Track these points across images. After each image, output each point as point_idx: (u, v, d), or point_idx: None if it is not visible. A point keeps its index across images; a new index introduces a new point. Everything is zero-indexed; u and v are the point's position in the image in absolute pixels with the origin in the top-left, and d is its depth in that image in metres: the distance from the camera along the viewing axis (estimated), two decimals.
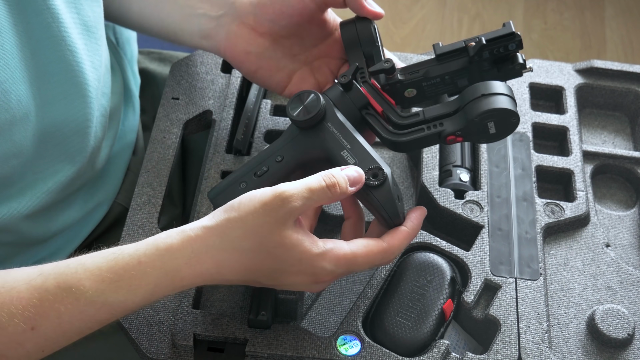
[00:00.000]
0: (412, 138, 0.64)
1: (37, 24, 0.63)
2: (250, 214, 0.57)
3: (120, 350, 0.70)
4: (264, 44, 0.71)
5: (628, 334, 0.67)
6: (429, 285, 0.68)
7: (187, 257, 0.57)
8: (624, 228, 0.78)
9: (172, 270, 0.57)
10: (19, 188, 0.67)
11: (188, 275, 0.57)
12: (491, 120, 0.63)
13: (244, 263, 0.58)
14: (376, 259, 0.61)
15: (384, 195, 0.61)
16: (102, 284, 0.56)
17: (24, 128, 0.63)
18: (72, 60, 0.66)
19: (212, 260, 0.57)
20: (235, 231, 0.57)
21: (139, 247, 0.57)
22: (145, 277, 0.56)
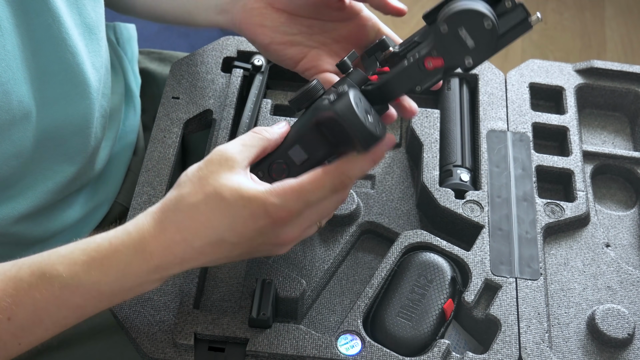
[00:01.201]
0: (392, 75, 0.62)
1: (37, 24, 0.63)
2: (195, 171, 0.59)
3: (121, 350, 0.70)
4: (280, 19, 0.71)
5: (628, 334, 0.67)
6: (429, 285, 0.68)
7: (152, 228, 0.57)
8: (624, 228, 0.78)
9: (140, 245, 0.57)
10: (19, 188, 0.67)
11: (156, 250, 0.57)
12: (461, 26, 0.59)
13: (201, 220, 0.57)
14: (326, 183, 0.59)
15: (344, 107, 0.58)
16: (74, 267, 0.56)
17: (24, 128, 0.63)
18: (72, 61, 0.66)
19: (173, 226, 0.57)
20: (185, 189, 0.58)
21: (110, 232, 0.58)
22: (116, 255, 0.57)
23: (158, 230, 0.57)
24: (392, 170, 0.80)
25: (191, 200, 0.57)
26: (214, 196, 0.57)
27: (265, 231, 0.59)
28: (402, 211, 0.77)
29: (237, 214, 0.57)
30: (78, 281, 0.56)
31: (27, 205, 0.68)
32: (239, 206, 0.57)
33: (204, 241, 0.58)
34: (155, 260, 0.57)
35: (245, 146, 0.60)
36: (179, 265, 0.59)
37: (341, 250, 0.74)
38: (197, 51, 0.86)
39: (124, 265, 0.57)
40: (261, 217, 0.58)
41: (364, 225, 0.76)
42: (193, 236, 0.57)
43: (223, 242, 0.58)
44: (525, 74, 0.86)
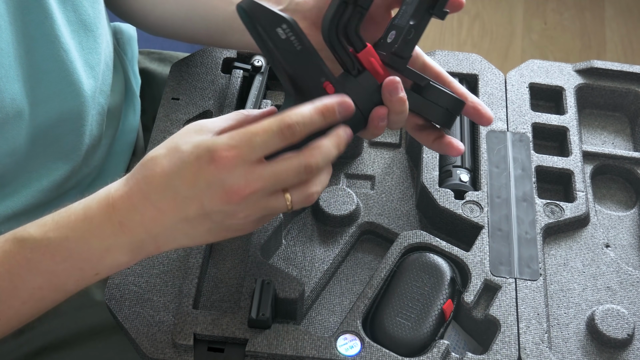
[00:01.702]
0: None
1: (30, 21, 0.63)
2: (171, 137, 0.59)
3: (120, 350, 0.70)
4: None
5: (628, 334, 0.67)
6: (428, 285, 0.68)
7: (117, 184, 0.58)
8: (624, 228, 0.78)
9: (104, 199, 0.57)
10: (14, 187, 0.67)
11: (117, 202, 0.57)
12: None
13: (157, 170, 0.57)
14: (272, 125, 0.56)
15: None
16: (44, 227, 0.57)
17: (17, 126, 0.63)
18: (65, 58, 0.66)
19: (134, 179, 0.57)
20: (158, 150, 0.58)
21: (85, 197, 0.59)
22: (82, 211, 0.57)
23: (122, 184, 0.58)
24: (391, 170, 0.80)
25: (153, 154, 0.58)
26: (173, 149, 0.57)
27: (211, 179, 0.56)
28: (402, 212, 0.77)
29: (185, 160, 0.56)
30: (47, 240, 0.57)
31: (21, 204, 0.68)
32: (188, 152, 0.56)
33: (159, 194, 0.57)
34: (117, 213, 0.57)
35: (221, 118, 0.60)
36: (140, 224, 0.57)
37: (341, 250, 0.74)
38: (197, 52, 0.86)
39: (89, 220, 0.57)
40: (205, 160, 0.55)
41: (364, 225, 0.76)
42: (149, 187, 0.57)
43: (176, 195, 0.56)
44: (525, 74, 0.86)
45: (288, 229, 0.76)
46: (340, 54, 0.61)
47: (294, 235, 0.75)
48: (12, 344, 0.71)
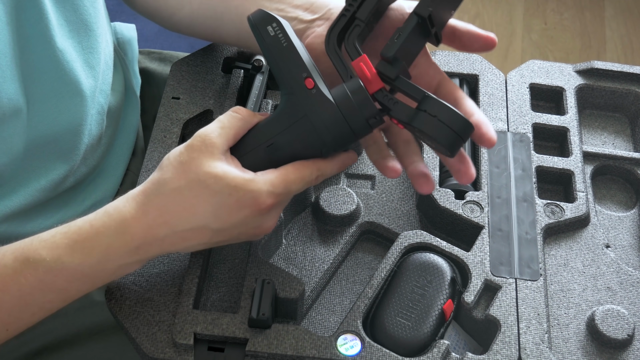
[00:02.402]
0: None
1: (25, 20, 0.63)
2: (176, 156, 0.59)
3: (120, 350, 0.70)
4: None
5: (628, 335, 0.67)
6: (429, 285, 0.68)
7: (133, 210, 0.58)
8: (624, 229, 0.78)
9: (121, 226, 0.58)
10: (12, 186, 0.67)
11: (137, 231, 0.58)
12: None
13: (185, 206, 0.58)
14: (306, 175, 0.61)
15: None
16: (57, 250, 0.57)
17: (15, 126, 0.63)
18: (61, 58, 0.66)
19: (155, 208, 0.58)
20: (168, 174, 0.58)
21: (91, 215, 0.59)
22: (97, 237, 0.58)
23: (140, 213, 0.58)
24: None
25: (174, 185, 0.58)
26: (197, 183, 0.58)
27: (250, 220, 0.59)
28: (402, 212, 0.77)
29: (222, 202, 0.58)
30: (61, 264, 0.57)
31: (20, 203, 0.68)
32: (225, 194, 0.58)
33: (186, 226, 0.58)
34: (136, 241, 0.58)
35: (224, 128, 0.60)
36: (159, 247, 0.59)
37: (341, 250, 0.74)
38: (197, 51, 0.86)
39: (105, 247, 0.58)
40: (248, 205, 0.58)
41: (364, 225, 0.76)
42: (176, 220, 0.58)
43: (206, 229, 0.59)
44: (526, 74, 0.86)
45: (288, 229, 0.76)
46: (334, 61, 0.63)
47: (294, 235, 0.75)
48: (12, 344, 0.71)
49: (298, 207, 0.76)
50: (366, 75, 0.61)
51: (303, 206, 0.77)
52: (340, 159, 0.64)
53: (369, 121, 0.61)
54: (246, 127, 0.62)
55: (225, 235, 0.60)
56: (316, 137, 0.61)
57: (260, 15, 0.62)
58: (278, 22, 0.62)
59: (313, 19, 0.70)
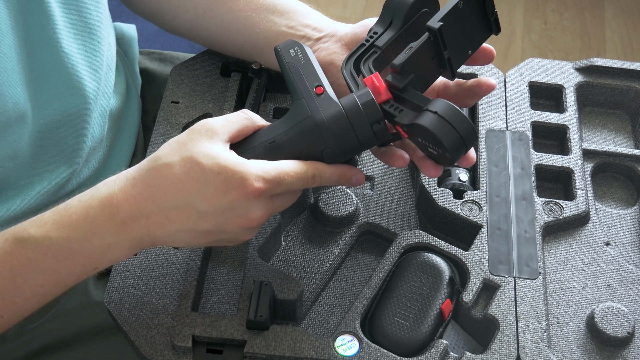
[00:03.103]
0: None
1: (32, 24, 0.63)
2: (175, 138, 0.59)
3: (120, 351, 0.70)
4: None
5: (628, 333, 0.67)
6: (427, 285, 0.68)
7: (121, 183, 0.58)
8: (624, 226, 0.78)
9: (107, 199, 0.58)
10: (15, 190, 0.68)
11: (122, 203, 0.57)
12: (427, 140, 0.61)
13: (173, 181, 0.57)
14: (302, 173, 0.60)
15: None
16: (45, 227, 0.57)
17: (20, 130, 0.64)
18: (67, 62, 0.66)
19: (143, 182, 0.58)
20: (162, 151, 0.59)
21: (82, 192, 0.59)
22: (84, 210, 0.57)
23: (128, 185, 0.58)
24: (391, 171, 0.80)
25: (166, 160, 0.58)
26: (189, 160, 0.57)
27: (236, 204, 0.58)
28: (401, 212, 0.77)
29: (210, 179, 0.57)
30: (49, 241, 0.57)
31: (23, 206, 0.68)
32: (214, 172, 0.57)
33: (171, 204, 0.58)
34: (121, 214, 0.57)
35: (229, 122, 0.61)
36: (144, 227, 0.58)
37: (340, 251, 0.74)
38: (197, 55, 0.86)
39: (91, 220, 0.57)
40: (235, 186, 0.57)
41: (363, 226, 0.76)
42: (162, 195, 0.57)
43: (191, 209, 0.58)
44: (525, 72, 0.86)
45: (287, 230, 0.76)
46: (347, 79, 0.65)
47: (293, 237, 0.75)
48: (13, 344, 0.71)
49: (297, 208, 0.76)
50: (375, 86, 0.63)
51: (302, 208, 0.77)
52: (340, 167, 0.64)
53: (373, 127, 0.61)
54: (251, 128, 0.62)
55: (211, 221, 0.58)
56: (318, 136, 0.61)
57: (288, 42, 0.66)
58: (300, 46, 0.66)
59: (320, 37, 0.73)
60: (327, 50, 0.71)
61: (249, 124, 0.62)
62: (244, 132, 0.62)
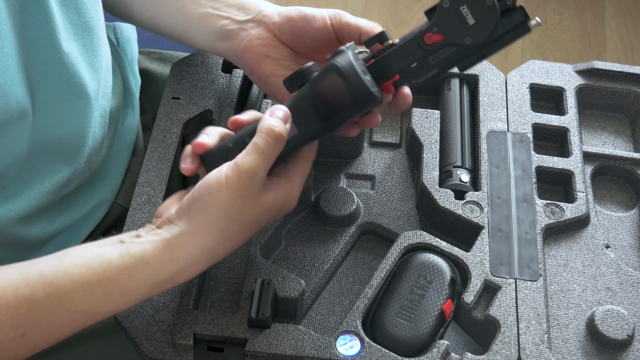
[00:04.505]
0: (390, 52, 0.63)
1: (30, 24, 0.63)
2: (226, 202, 0.59)
3: (120, 350, 0.70)
4: (284, 52, 0.71)
5: (628, 335, 0.67)
6: (428, 285, 0.68)
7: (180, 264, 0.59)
8: (624, 229, 0.78)
9: (164, 281, 0.59)
10: (16, 189, 0.67)
11: (182, 278, 0.60)
12: (462, 4, 0.60)
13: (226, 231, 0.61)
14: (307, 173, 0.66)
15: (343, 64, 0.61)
16: (92, 296, 0.57)
17: (21, 128, 0.63)
18: (67, 61, 0.66)
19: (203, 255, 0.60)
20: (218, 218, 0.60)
21: (123, 258, 0.58)
22: (138, 289, 0.58)
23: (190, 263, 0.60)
24: (392, 171, 0.80)
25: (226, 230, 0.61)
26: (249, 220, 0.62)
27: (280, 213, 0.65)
28: (402, 212, 0.77)
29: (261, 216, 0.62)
30: (95, 310, 0.58)
31: (24, 206, 0.68)
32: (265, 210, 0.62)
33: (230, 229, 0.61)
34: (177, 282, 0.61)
35: (268, 159, 0.61)
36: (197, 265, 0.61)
37: (341, 250, 0.74)
38: (198, 51, 0.86)
39: (143, 296, 0.59)
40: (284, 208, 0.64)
41: (364, 225, 0.76)
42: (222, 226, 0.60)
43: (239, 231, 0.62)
44: (526, 74, 0.86)
45: (288, 229, 0.76)
46: None
47: (294, 235, 0.75)
48: None
49: (298, 207, 0.76)
50: None
51: (303, 206, 0.77)
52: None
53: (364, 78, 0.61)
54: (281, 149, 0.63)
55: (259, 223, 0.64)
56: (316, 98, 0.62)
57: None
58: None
59: (246, 19, 0.72)
60: (260, 41, 0.71)
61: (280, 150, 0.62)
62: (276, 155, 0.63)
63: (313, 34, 0.70)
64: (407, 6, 1.96)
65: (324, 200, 0.75)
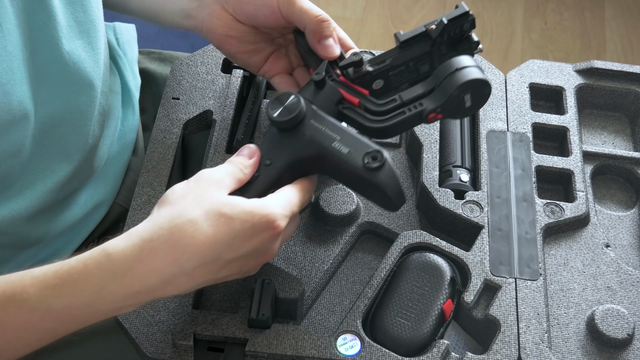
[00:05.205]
0: (395, 122, 0.65)
1: (34, 23, 0.63)
2: (185, 189, 0.58)
3: (120, 350, 0.70)
4: (244, 30, 0.72)
5: (628, 334, 0.67)
6: (428, 285, 0.68)
7: (137, 249, 0.55)
8: (624, 228, 0.78)
9: (122, 269, 0.54)
10: (18, 188, 0.67)
11: (141, 275, 0.55)
12: (468, 92, 0.64)
13: (199, 236, 0.55)
14: (303, 198, 0.62)
15: (388, 175, 0.62)
16: (45, 290, 0.54)
17: (23, 128, 0.63)
18: (68, 59, 0.66)
19: (166, 245, 0.55)
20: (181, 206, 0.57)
21: (86, 253, 0.55)
22: (90, 278, 0.54)
23: (146, 253, 0.55)
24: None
25: (189, 216, 0.56)
26: (214, 212, 0.56)
27: (261, 245, 0.58)
28: (402, 212, 0.77)
29: (238, 228, 0.56)
30: (48, 306, 0.54)
31: (26, 205, 0.68)
32: (241, 220, 0.56)
33: (198, 261, 0.56)
34: (136, 285, 0.55)
35: (228, 174, 0.60)
36: (160, 292, 0.56)
37: (341, 250, 0.74)
38: (197, 52, 0.86)
39: (99, 289, 0.54)
40: (263, 229, 0.57)
41: (364, 225, 0.76)
42: (188, 256, 0.55)
43: (217, 261, 0.57)
44: (525, 74, 0.86)
45: None
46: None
47: (294, 235, 0.75)
48: None
49: None
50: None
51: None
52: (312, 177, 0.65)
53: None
54: (244, 180, 0.62)
55: (233, 266, 0.58)
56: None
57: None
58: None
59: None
60: (220, 21, 0.71)
61: (243, 179, 0.62)
62: (241, 184, 0.62)
63: (264, 19, 0.70)
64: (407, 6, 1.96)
65: (324, 200, 0.76)
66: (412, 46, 0.68)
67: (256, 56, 0.73)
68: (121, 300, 0.55)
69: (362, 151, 0.62)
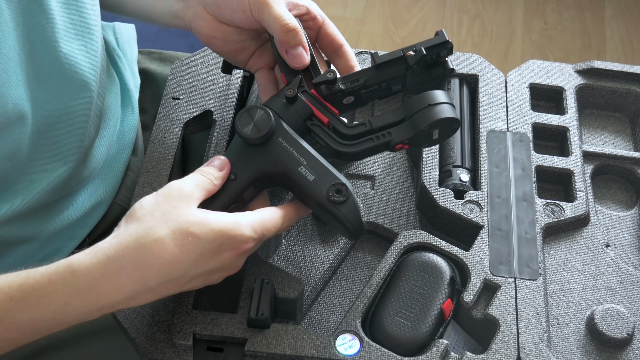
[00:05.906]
0: (362, 149, 0.66)
1: (32, 25, 0.63)
2: (153, 205, 0.58)
3: (120, 350, 0.70)
4: (228, 30, 0.72)
5: (627, 334, 0.67)
6: (428, 285, 0.68)
7: (102, 267, 0.55)
8: (624, 228, 0.78)
9: (86, 285, 0.54)
10: (15, 189, 0.67)
11: (106, 290, 0.55)
12: (437, 128, 0.65)
13: (166, 257, 0.56)
14: (278, 223, 0.62)
15: (350, 210, 0.63)
16: (10, 302, 0.54)
17: (19, 130, 0.63)
18: (65, 61, 0.66)
19: (131, 263, 0.55)
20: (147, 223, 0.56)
21: (52, 266, 0.55)
22: (55, 295, 0.54)
23: (112, 270, 0.55)
24: (391, 170, 0.80)
25: (155, 235, 0.56)
26: (181, 231, 0.56)
27: (226, 262, 0.59)
28: (402, 211, 0.77)
29: (205, 247, 0.57)
30: (12, 318, 0.54)
31: (22, 206, 0.68)
32: (209, 240, 0.57)
33: (163, 279, 0.56)
34: (101, 301, 0.55)
35: (198, 186, 0.60)
36: (124, 305, 0.57)
37: (340, 250, 0.74)
38: (198, 52, 0.86)
39: (62, 305, 0.54)
40: (228, 248, 0.58)
41: (364, 225, 0.76)
42: (153, 274, 0.56)
43: (182, 278, 0.57)
44: (526, 74, 0.86)
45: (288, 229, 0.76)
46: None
47: (293, 235, 0.75)
48: None
49: None
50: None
51: None
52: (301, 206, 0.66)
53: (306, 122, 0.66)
54: (214, 190, 0.62)
55: (197, 281, 0.59)
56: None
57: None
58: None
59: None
60: (203, 22, 0.71)
61: (212, 188, 0.62)
62: (208, 194, 0.62)
63: (240, 22, 0.70)
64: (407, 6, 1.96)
65: None
66: (387, 68, 0.69)
67: (243, 53, 0.73)
68: (86, 313, 0.56)
69: (328, 182, 0.63)
